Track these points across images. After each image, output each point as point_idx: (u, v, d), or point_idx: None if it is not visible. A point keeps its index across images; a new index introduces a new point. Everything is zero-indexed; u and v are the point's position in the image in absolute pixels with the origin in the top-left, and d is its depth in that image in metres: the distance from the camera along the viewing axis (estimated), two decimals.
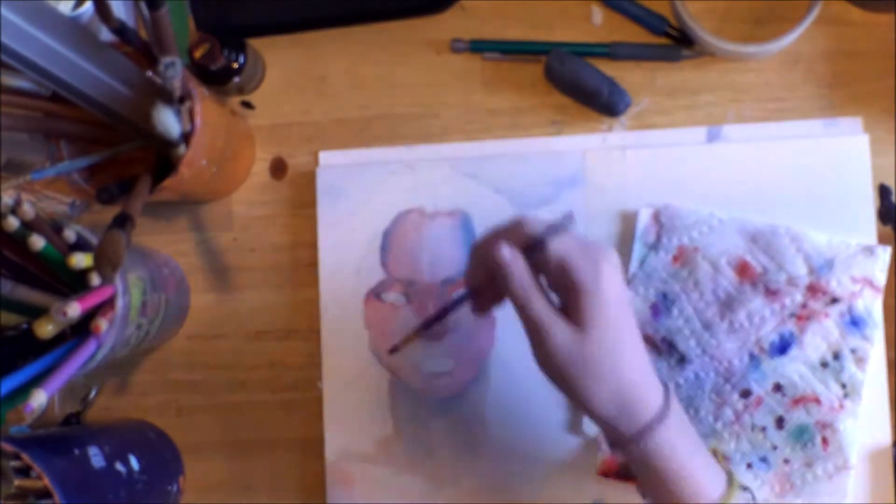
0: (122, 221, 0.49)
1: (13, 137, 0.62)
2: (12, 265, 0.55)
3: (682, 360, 0.58)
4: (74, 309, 0.49)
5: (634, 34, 0.62)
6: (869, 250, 0.57)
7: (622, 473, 0.58)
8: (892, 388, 0.58)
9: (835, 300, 0.56)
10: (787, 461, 0.57)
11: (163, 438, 0.63)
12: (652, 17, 0.61)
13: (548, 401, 0.60)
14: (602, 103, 0.60)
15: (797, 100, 0.61)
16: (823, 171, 0.59)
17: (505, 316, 0.60)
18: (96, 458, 0.54)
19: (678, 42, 0.61)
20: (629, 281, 0.59)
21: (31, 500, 0.51)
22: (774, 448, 0.57)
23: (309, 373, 0.63)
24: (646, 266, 0.59)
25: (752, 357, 0.57)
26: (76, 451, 0.53)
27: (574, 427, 0.59)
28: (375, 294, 0.62)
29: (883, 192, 0.59)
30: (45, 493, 0.50)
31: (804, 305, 0.57)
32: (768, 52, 0.60)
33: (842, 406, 0.56)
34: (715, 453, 0.52)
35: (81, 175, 0.57)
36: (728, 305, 0.57)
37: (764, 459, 0.57)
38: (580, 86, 0.60)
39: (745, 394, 0.57)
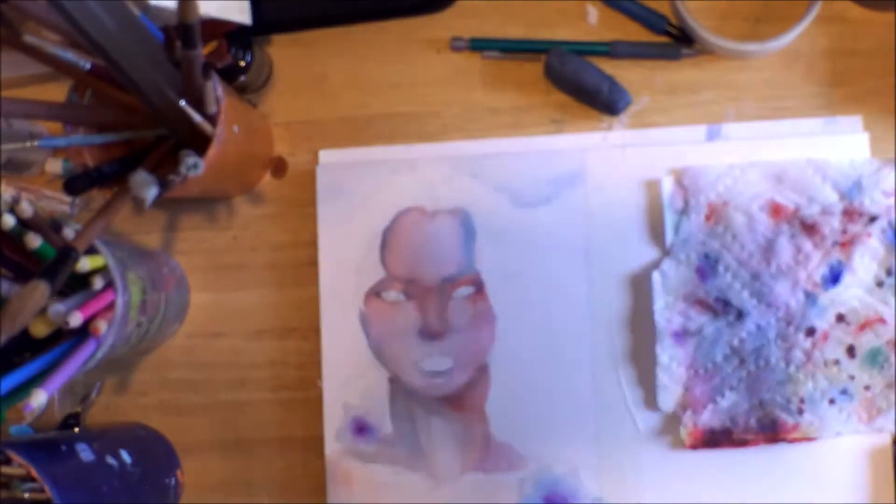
0: (60, 262, 0.47)
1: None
2: (12, 264, 0.54)
3: (741, 314, 0.57)
4: (76, 318, 0.49)
5: (634, 33, 0.62)
6: (893, 162, 0.56)
7: (711, 441, 0.58)
8: None
9: (873, 218, 0.56)
10: (867, 388, 0.56)
11: (153, 435, 0.63)
12: (652, 16, 0.61)
13: (548, 400, 0.60)
14: (602, 102, 0.60)
15: (797, 98, 0.61)
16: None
17: (505, 315, 0.61)
18: (84, 453, 0.54)
19: (678, 40, 0.61)
20: (668, 251, 0.59)
21: (16, 483, 0.51)
22: (852, 378, 0.56)
23: (309, 372, 0.63)
24: (681, 232, 0.58)
25: (808, 294, 0.56)
26: (63, 448, 0.54)
27: (650, 403, 0.59)
28: (376, 293, 0.61)
29: None
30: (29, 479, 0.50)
31: (844, 231, 0.56)
32: (768, 51, 0.60)
33: None
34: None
35: (91, 158, 0.56)
36: (770, 250, 0.57)
37: (844, 392, 0.56)
38: (580, 84, 0.60)
39: (810, 332, 0.56)
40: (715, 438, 0.57)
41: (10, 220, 0.51)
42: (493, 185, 0.61)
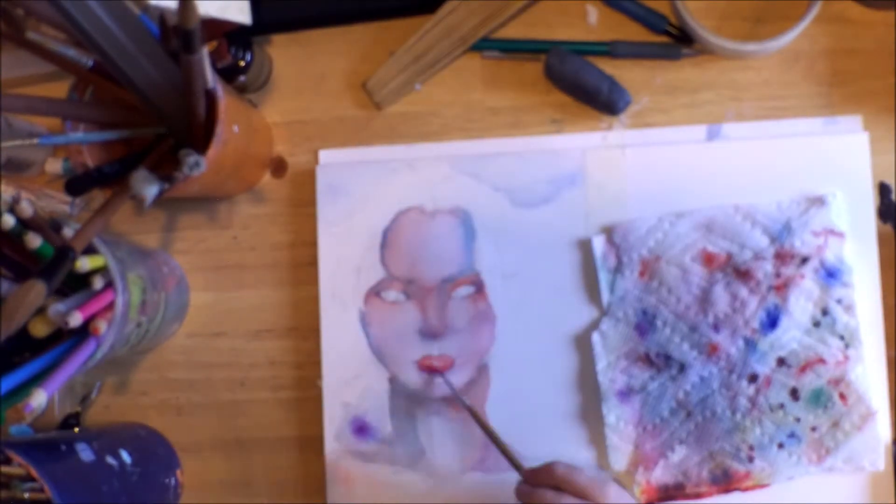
0: (57, 262, 0.47)
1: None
2: (12, 264, 0.54)
3: (683, 367, 0.57)
4: (76, 318, 0.49)
5: (634, 33, 0.62)
6: (819, 200, 0.57)
7: (665, 496, 0.58)
8: (891, 389, 0.58)
9: (805, 259, 0.56)
10: (814, 428, 0.56)
11: (153, 435, 0.63)
12: (652, 16, 0.61)
13: (548, 400, 0.60)
14: (602, 102, 0.60)
15: (797, 98, 0.61)
16: (823, 170, 0.59)
17: (505, 315, 0.61)
18: (84, 452, 0.54)
19: (678, 40, 0.61)
20: (605, 311, 0.59)
21: (16, 483, 0.51)
22: (798, 420, 0.56)
23: (309, 371, 0.63)
24: (616, 290, 0.59)
25: (747, 341, 0.57)
26: (63, 448, 0.54)
27: (602, 463, 0.59)
28: (375, 292, 0.61)
29: (883, 190, 0.59)
30: (28, 478, 0.50)
31: (778, 275, 0.56)
32: (768, 51, 0.60)
33: (846, 357, 0.56)
34: None
35: (91, 157, 0.56)
36: (707, 300, 0.57)
37: (792, 435, 0.56)
38: (580, 84, 0.60)
39: (753, 378, 0.57)
40: (669, 494, 0.58)
41: (10, 220, 0.51)
42: (493, 185, 0.61)
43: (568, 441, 0.60)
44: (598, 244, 0.59)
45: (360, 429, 0.61)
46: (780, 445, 0.56)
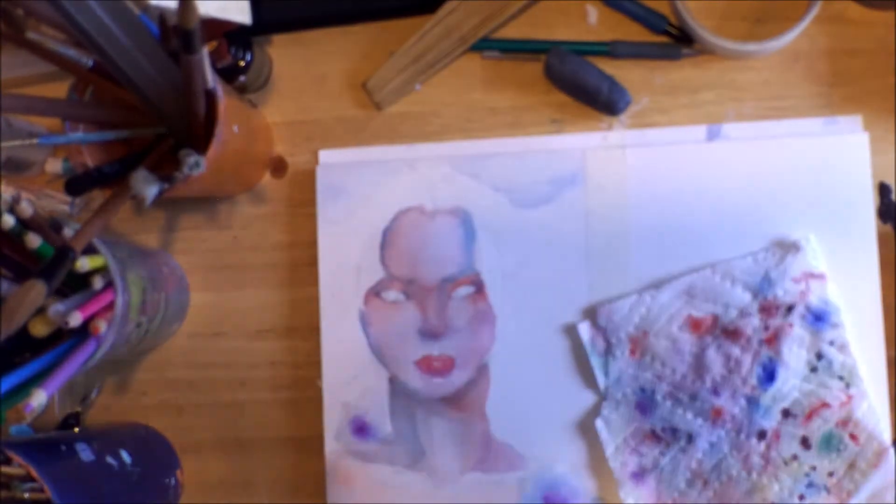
0: (57, 262, 0.47)
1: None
2: (12, 264, 0.54)
3: (691, 437, 0.57)
4: (76, 318, 0.49)
5: (634, 33, 0.62)
6: (794, 246, 0.57)
7: None
8: (892, 388, 0.58)
9: (790, 308, 0.56)
10: (831, 474, 0.56)
11: (154, 435, 0.63)
12: (652, 16, 0.61)
13: (548, 400, 0.60)
14: (602, 102, 0.60)
15: (797, 98, 0.61)
16: (823, 170, 0.59)
17: (505, 315, 0.61)
18: (84, 452, 0.54)
19: (678, 40, 0.61)
20: (604, 395, 0.59)
21: (16, 483, 0.51)
22: (814, 468, 0.56)
23: (308, 372, 0.63)
24: (611, 373, 0.59)
25: (749, 399, 0.56)
26: (63, 448, 0.54)
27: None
28: (375, 292, 0.61)
29: (883, 190, 0.59)
30: (28, 478, 0.50)
31: (766, 328, 0.56)
32: (768, 51, 0.60)
33: (849, 396, 0.56)
34: None
35: (91, 157, 0.56)
36: (701, 366, 0.57)
37: (811, 484, 0.56)
38: (580, 84, 0.60)
39: (762, 435, 0.56)
40: None
41: (10, 220, 0.51)
42: (493, 185, 0.61)
43: (568, 441, 0.60)
44: (584, 330, 0.59)
45: (360, 429, 0.61)
46: (801, 497, 0.56)
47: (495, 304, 0.61)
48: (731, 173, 0.59)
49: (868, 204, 0.58)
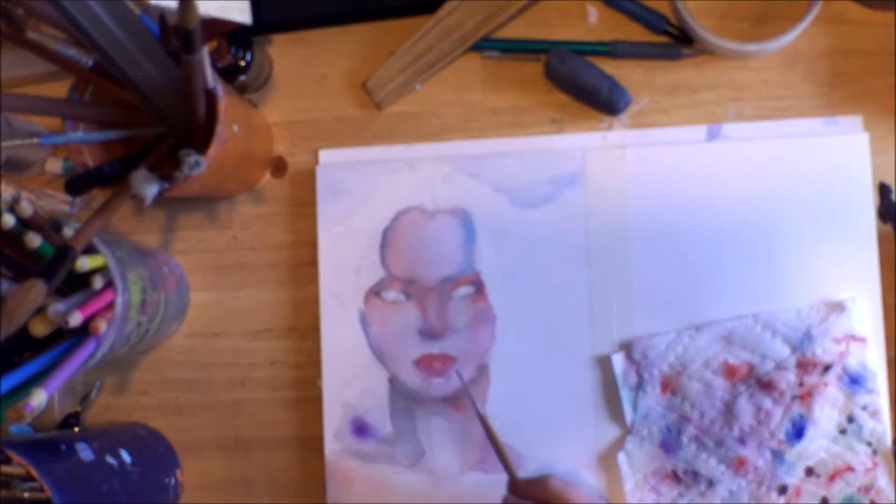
0: (57, 261, 0.47)
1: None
2: (12, 264, 0.54)
3: (711, 483, 0.56)
4: (76, 318, 0.49)
5: (634, 33, 0.62)
6: (839, 307, 0.56)
7: None
8: (891, 388, 0.58)
9: (827, 367, 0.56)
10: None
11: (153, 434, 0.63)
12: (652, 16, 0.61)
13: (548, 399, 0.60)
14: (602, 102, 0.60)
15: (797, 98, 0.61)
16: (823, 170, 0.59)
17: (505, 315, 0.61)
18: (84, 452, 0.54)
19: (678, 41, 0.61)
20: (630, 429, 0.58)
21: (16, 483, 0.51)
22: None
23: (309, 371, 0.63)
24: (639, 408, 0.58)
25: (774, 453, 0.56)
26: (63, 447, 0.54)
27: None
28: (375, 292, 0.61)
29: (883, 190, 0.59)
30: (28, 478, 0.50)
31: (801, 384, 0.56)
32: (768, 51, 0.60)
33: (875, 463, 0.55)
34: None
35: (91, 157, 0.56)
36: (731, 413, 0.56)
37: None
38: (580, 84, 0.60)
39: (782, 490, 0.56)
40: None
41: (10, 220, 0.51)
42: (493, 185, 0.61)
43: (568, 441, 0.60)
44: (618, 362, 0.59)
45: (360, 429, 0.61)
46: None
47: (495, 303, 0.61)
48: (731, 173, 0.59)
49: (868, 204, 0.58)
